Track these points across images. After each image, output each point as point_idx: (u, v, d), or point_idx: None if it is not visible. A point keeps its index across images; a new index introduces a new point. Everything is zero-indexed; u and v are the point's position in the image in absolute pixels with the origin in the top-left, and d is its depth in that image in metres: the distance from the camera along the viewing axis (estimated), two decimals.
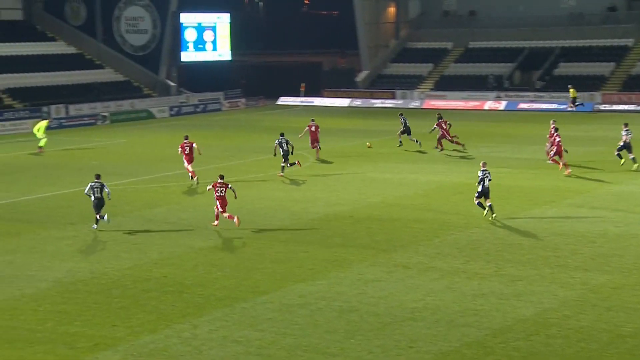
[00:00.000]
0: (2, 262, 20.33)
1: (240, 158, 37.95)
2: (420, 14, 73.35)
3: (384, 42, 72.01)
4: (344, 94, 67.67)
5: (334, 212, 26.21)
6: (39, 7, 66.48)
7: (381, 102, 65.67)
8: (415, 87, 67.41)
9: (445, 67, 68.92)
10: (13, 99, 54.95)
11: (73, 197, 28.81)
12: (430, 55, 70.27)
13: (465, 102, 62.77)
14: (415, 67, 69.70)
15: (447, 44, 70.51)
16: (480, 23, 69.41)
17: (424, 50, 70.96)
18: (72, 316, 16.45)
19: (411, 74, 69.37)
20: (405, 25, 73.16)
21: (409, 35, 72.79)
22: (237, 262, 20.40)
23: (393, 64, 71.11)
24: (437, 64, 69.48)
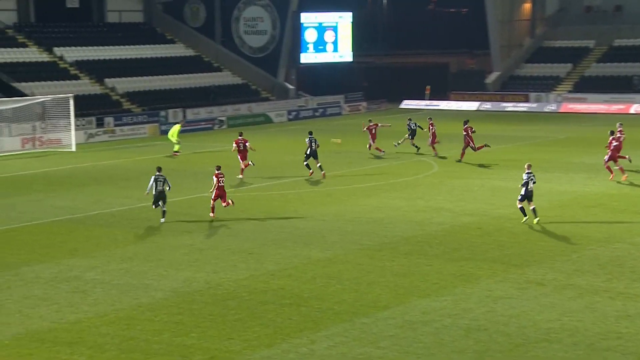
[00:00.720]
0: (119, 270, 21.15)
1: (360, 165, 38.07)
2: (558, 10, 71.52)
3: (517, 41, 70.63)
4: (473, 96, 66.79)
5: (460, 223, 25.88)
6: (158, 9, 69.04)
7: (513, 106, 64.38)
8: (552, 90, 65.72)
9: (586, 67, 66.87)
10: (131, 103, 57.25)
11: (190, 204, 29.68)
12: (569, 54, 68.36)
13: (608, 106, 60.65)
14: (552, 68, 67.98)
15: (589, 42, 68.38)
16: (627, 19, 66.94)
17: (562, 50, 69.12)
18: (188, 327, 16.92)
19: (547, 75, 67.72)
20: (542, 23, 71.49)
21: (546, 33, 71.07)
22: (357, 275, 20.44)
23: (527, 65, 69.63)
24: (576, 64, 67.51)
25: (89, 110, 52.51)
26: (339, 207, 28.60)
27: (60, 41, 60.18)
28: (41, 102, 47.29)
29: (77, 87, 55.16)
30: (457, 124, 54.50)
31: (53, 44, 59.49)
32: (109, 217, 27.71)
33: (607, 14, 68.47)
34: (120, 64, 60.89)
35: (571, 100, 62.95)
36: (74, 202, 30.06)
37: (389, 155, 40.10)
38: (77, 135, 46.73)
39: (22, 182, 35.13)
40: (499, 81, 68.55)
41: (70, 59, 58.97)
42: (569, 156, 39.17)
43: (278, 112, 60.60)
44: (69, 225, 26.44)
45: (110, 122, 52.47)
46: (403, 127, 42.82)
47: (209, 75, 64.03)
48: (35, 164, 40.37)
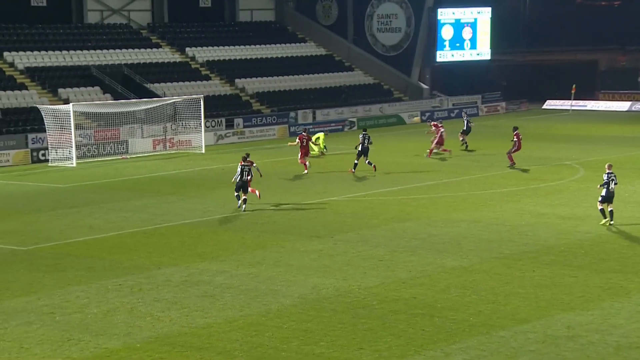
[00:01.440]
0: (248, 274, 21.61)
1: (499, 169, 37.41)
2: None
3: None
4: (624, 96, 64.44)
5: (609, 232, 25.03)
6: (290, 7, 70.17)
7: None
8: None
9: None
10: (261, 104, 58.43)
11: (318, 208, 29.98)
12: None
13: None
14: None
15: None
16: None
17: None
18: (317, 336, 17.09)
19: None
20: None
21: None
22: (494, 285, 20.12)
23: None
24: None
25: (219, 111, 53.94)
26: (475, 213, 28.23)
27: (192, 41, 62.15)
28: (172, 103, 48.91)
29: (208, 88, 56.80)
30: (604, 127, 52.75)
31: (185, 44, 61.50)
32: (237, 220, 28.37)
33: None
34: (251, 64, 62.27)
35: None
36: (204, 205, 30.94)
37: (530, 159, 39.19)
38: (206, 137, 48.08)
39: (153, 184, 36.46)
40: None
41: (202, 59, 60.78)
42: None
43: (411, 113, 60.37)
44: (199, 228, 27.23)
45: (240, 123, 53.72)
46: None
47: (340, 75, 64.54)
48: (165, 166, 41.84)
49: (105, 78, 53.31)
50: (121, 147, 46.31)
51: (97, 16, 60.92)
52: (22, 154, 43.88)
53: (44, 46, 55.16)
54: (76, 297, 19.81)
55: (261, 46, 64.45)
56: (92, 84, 52.97)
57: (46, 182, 37.56)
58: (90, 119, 47.00)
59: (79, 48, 56.13)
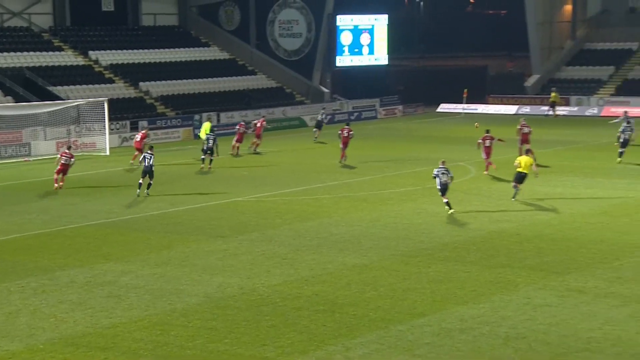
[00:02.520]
0: (154, 275, 21.33)
1: (396, 169, 37.99)
2: (601, 12, 70.81)
3: (558, 43, 70.03)
4: (511, 100, 66.32)
5: (498, 229, 25.72)
6: (193, 12, 69.57)
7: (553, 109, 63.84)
8: (593, 93, 65.07)
9: (629, 69, 66.10)
10: (165, 107, 57.72)
11: (223, 208, 29.85)
12: (612, 57, 67.63)
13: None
14: (593, 71, 67.33)
15: (632, 45, 67.63)
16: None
17: (604, 52, 68.41)
18: (222, 333, 17.01)
19: (589, 77, 67.05)
20: (584, 24, 70.83)
21: (588, 35, 70.39)
22: (393, 281, 20.42)
23: (568, 67, 69.02)
24: (619, 66, 66.77)
25: (123, 114, 53.04)
26: (374, 213, 28.59)
27: (95, 45, 60.89)
28: (76, 106, 47.85)
29: (112, 91, 55.76)
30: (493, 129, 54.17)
31: (88, 47, 60.20)
32: (143, 221, 27.97)
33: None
34: (155, 68, 61.43)
35: (614, 104, 62.25)
36: (109, 206, 30.38)
37: (425, 161, 39.96)
38: (111, 139, 47.22)
39: None
40: (539, 84, 68.02)
41: (105, 62, 59.62)
42: (611, 161, 38.74)
43: (313, 116, 60.57)
44: (104, 229, 26.73)
45: (144, 125, 52.93)
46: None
47: (243, 78, 64.35)
48: (70, 168, 40.80)
49: (6, 81, 51.73)
50: (23, 150, 45.07)
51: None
52: None
53: None
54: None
55: (165, 50, 63.67)
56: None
57: None
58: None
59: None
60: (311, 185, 34.15)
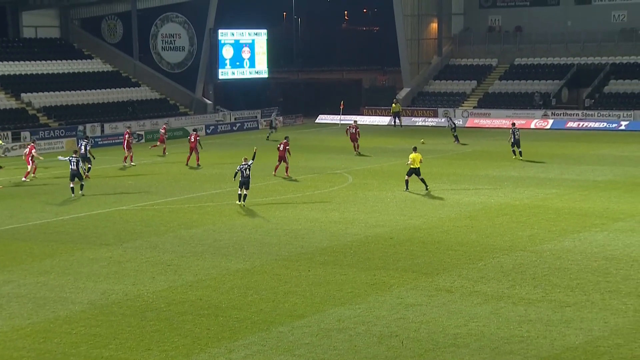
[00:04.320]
0: (36, 283, 20.60)
1: (277, 178, 38.07)
2: (463, 30, 73.21)
3: (426, 59, 71.96)
4: (385, 111, 67.67)
5: (373, 233, 26.16)
6: (75, 25, 67.74)
7: (423, 120, 65.51)
8: (458, 105, 67.16)
9: (490, 84, 68.60)
10: (48, 118, 55.93)
11: (107, 217, 29.15)
12: (474, 72, 70.03)
13: (510, 121, 62.29)
14: (458, 85, 69.50)
15: (492, 61, 70.24)
16: (527, 39, 68.99)
17: (467, 67, 70.76)
18: (106, 339, 16.60)
19: (454, 91, 69.16)
20: (448, 42, 73.04)
21: (452, 52, 72.64)
22: (274, 285, 20.44)
23: (435, 81, 70.98)
24: (481, 81, 69.19)
25: (5, 125, 51.07)
26: (257, 219, 28.56)
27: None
28: None
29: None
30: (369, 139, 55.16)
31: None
32: (25, 231, 26.98)
33: (509, 34, 70.43)
34: (37, 79, 59.46)
35: (477, 116, 64.41)
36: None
37: (304, 169, 40.23)
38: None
39: None
40: (410, 97, 69.68)
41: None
42: (475, 169, 40.07)
43: (196, 127, 60.09)
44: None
45: (27, 136, 51.15)
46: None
47: (127, 90, 63.12)
48: None
49: None
50: None
51: None
52: None
53: None
54: None
55: (47, 62, 61.72)
56: None
57: None
58: None
59: None
60: (195, 194, 33.80)
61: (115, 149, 50.31)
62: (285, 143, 38.09)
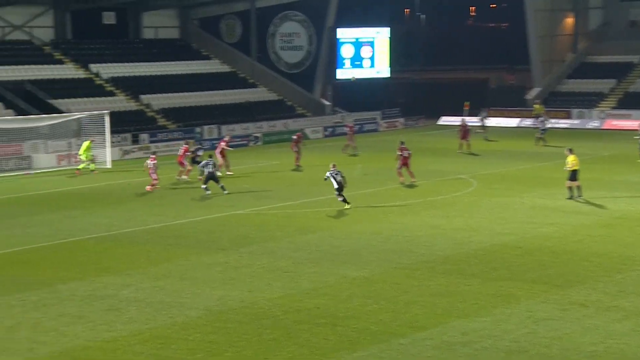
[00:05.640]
0: (154, 288, 21.32)
1: (397, 182, 37.98)
2: (602, 25, 70.99)
3: (559, 57, 70.17)
4: (512, 113, 66.39)
5: (500, 242, 25.71)
6: (195, 25, 69.74)
7: (554, 122, 63.88)
8: (595, 106, 65.14)
9: (631, 83, 66.19)
10: (167, 120, 57.81)
11: (223, 221, 29.84)
12: (613, 70, 67.72)
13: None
14: (595, 84, 67.39)
15: (633, 58, 67.72)
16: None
17: (605, 65, 68.50)
18: (222, 347, 16.99)
19: (590, 91, 67.13)
20: (585, 37, 70.99)
21: (589, 48, 70.52)
22: (394, 295, 20.40)
23: (569, 80, 69.11)
24: (621, 79, 66.86)
25: (124, 127, 53.10)
26: (375, 225, 28.58)
27: (96, 58, 61.03)
28: (77, 119, 47.92)
29: (113, 104, 55.85)
30: (494, 142, 54.26)
31: (89, 60, 60.34)
32: (143, 234, 27.98)
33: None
34: (156, 81, 61.57)
35: (615, 117, 62.28)
36: (109, 219, 30.39)
37: (426, 173, 39.99)
38: (112, 152, 47.27)
39: (57, 199, 35.61)
40: (540, 97, 68.10)
41: (106, 75, 59.76)
42: (612, 174, 38.78)
43: (314, 129, 60.74)
44: (104, 242, 26.73)
45: (145, 138, 53.03)
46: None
47: (244, 91, 64.43)
48: (70, 181, 40.92)
49: (7, 94, 51.83)
50: (24, 163, 45.12)
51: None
52: None
53: None
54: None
55: (166, 63, 63.81)
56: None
57: None
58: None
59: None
60: (312, 198, 34.15)
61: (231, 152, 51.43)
62: (403, 148, 37.43)
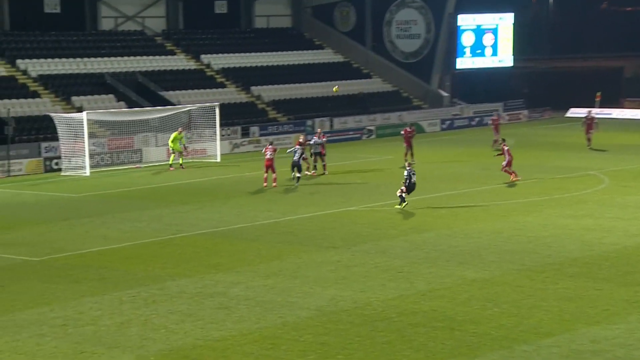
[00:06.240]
0: (264, 286, 21.61)
1: (521, 178, 37.27)
2: None
3: None
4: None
5: (634, 243, 24.90)
6: (307, 13, 70.31)
7: None
8: None
9: None
10: (277, 112, 58.52)
11: (335, 218, 29.97)
12: None
13: None
14: None
15: None
16: None
17: None
18: (334, 349, 17.06)
19: None
20: None
21: None
22: (517, 298, 20.03)
23: None
24: None
25: (234, 120, 54.05)
26: (496, 224, 28.15)
27: (207, 48, 62.36)
28: (187, 111, 49.04)
29: (223, 96, 56.95)
30: (629, 135, 52.52)
31: (200, 51, 61.72)
32: (253, 230, 28.41)
33: None
34: (267, 71, 62.41)
35: None
36: (218, 215, 31.00)
37: (552, 169, 39.10)
38: (222, 145, 48.17)
39: (167, 194, 36.57)
40: None
41: (217, 66, 60.99)
42: None
43: (431, 121, 60.31)
44: (213, 238, 27.29)
45: (256, 131, 53.82)
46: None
47: (358, 82, 64.50)
48: (180, 175, 41.96)
49: (119, 86, 53.57)
50: (135, 156, 46.48)
51: (111, 23, 61.29)
52: (35, 163, 44.11)
53: (57, 53, 55.50)
54: (89, 308, 19.89)
55: (277, 53, 64.59)
56: (106, 91, 53.24)
57: (59, 192, 37.76)
58: (104, 128, 47.21)
59: (92, 55, 56.45)
60: (428, 195, 33.90)
61: (344, 145, 51.65)
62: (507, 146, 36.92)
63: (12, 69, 52.98)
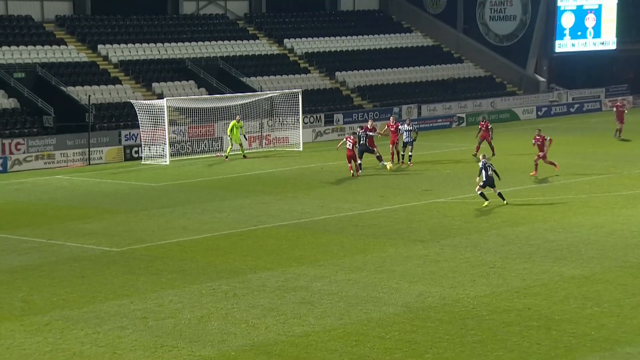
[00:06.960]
0: (348, 280, 21.67)
1: (625, 169, 36.51)
2: None
3: None
4: None
5: None
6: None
7: None
8: None
9: None
10: (362, 98, 58.52)
11: (422, 210, 29.85)
12: None
13: None
14: None
15: None
16: None
17: None
18: (422, 348, 17.01)
19: None
20: None
21: None
22: (619, 297, 19.65)
23: None
24: None
25: (318, 107, 54.25)
26: (597, 217, 27.65)
27: (290, 32, 62.74)
28: (269, 98, 49.37)
29: (306, 82, 57.24)
30: None
31: (283, 35, 62.12)
32: (336, 222, 28.49)
33: None
34: (352, 56, 62.45)
35: None
36: (301, 206, 31.19)
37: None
38: (304, 134, 48.33)
39: (248, 184, 36.96)
40: None
41: (300, 51, 61.30)
42: None
43: (526, 108, 59.48)
44: (296, 230, 27.47)
45: (340, 119, 53.91)
46: None
47: (448, 67, 64.15)
48: (261, 164, 42.36)
49: (200, 72, 54.33)
50: (216, 145, 47.03)
51: (193, 6, 62.18)
52: (115, 151, 45.06)
53: (138, 38, 56.59)
54: (169, 301, 20.26)
55: (363, 37, 64.57)
56: (187, 77, 54.07)
57: (139, 181, 38.56)
58: (184, 115, 47.94)
59: (173, 40, 57.40)
60: (523, 186, 33.48)
61: (432, 133, 51.30)
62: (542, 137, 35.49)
63: (94, 54, 54.26)
